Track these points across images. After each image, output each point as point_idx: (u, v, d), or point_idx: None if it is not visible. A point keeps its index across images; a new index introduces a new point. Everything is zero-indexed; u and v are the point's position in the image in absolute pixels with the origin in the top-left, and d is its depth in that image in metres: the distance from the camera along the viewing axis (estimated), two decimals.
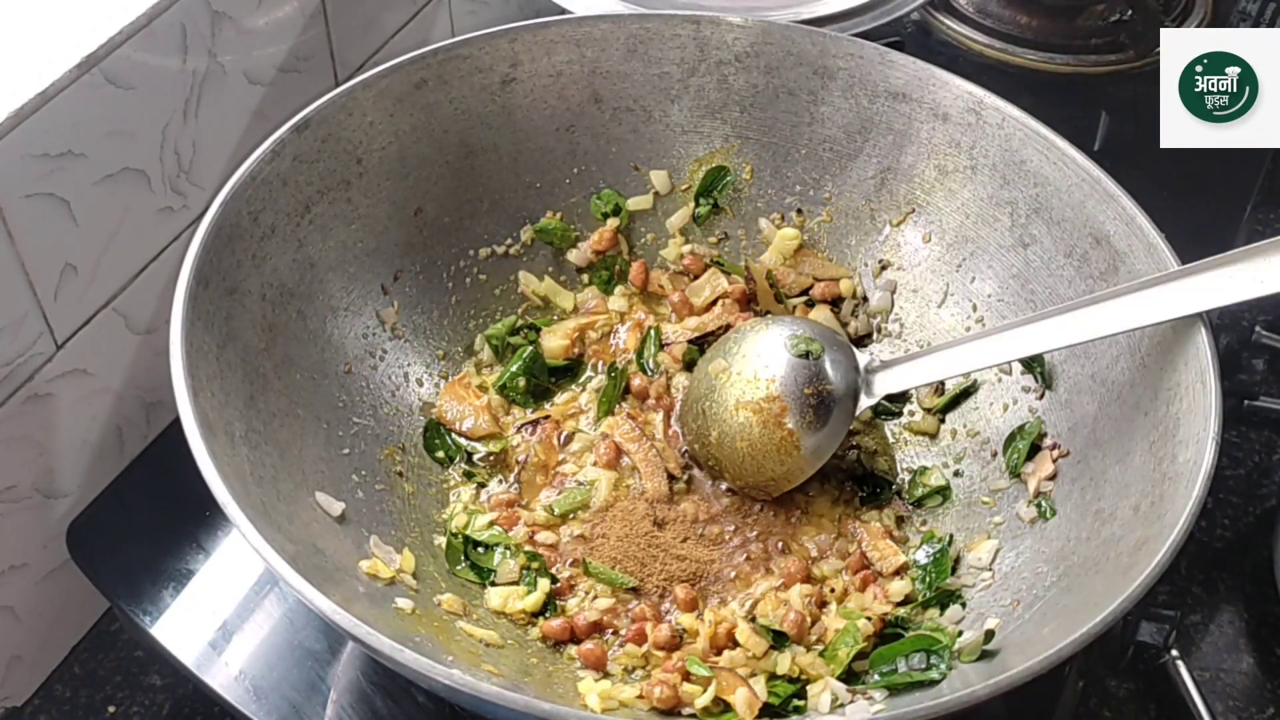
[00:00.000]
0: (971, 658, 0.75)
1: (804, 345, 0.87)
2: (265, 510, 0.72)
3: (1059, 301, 0.88)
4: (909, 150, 0.97)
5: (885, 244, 0.99)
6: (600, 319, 0.99)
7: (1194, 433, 0.75)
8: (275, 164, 0.86)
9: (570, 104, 0.99)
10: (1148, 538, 0.72)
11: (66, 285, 0.86)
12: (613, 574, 0.84)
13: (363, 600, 0.74)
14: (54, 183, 0.83)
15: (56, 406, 0.89)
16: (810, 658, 0.78)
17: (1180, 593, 0.98)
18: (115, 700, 0.93)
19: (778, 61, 0.98)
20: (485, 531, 0.86)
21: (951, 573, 0.84)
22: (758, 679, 0.77)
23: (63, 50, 0.82)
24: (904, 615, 0.82)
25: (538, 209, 1.00)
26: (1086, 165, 0.88)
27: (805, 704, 0.76)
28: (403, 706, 0.84)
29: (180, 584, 0.89)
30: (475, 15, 1.25)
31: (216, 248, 0.81)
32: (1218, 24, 1.38)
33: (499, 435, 0.92)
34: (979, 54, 1.35)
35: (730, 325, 0.96)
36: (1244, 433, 1.08)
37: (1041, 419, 0.88)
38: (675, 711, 0.76)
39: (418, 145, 0.94)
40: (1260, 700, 0.92)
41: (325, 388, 0.87)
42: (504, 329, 0.97)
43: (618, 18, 0.99)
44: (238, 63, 0.96)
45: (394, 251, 0.94)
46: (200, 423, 0.71)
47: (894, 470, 0.92)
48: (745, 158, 1.01)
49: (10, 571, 0.89)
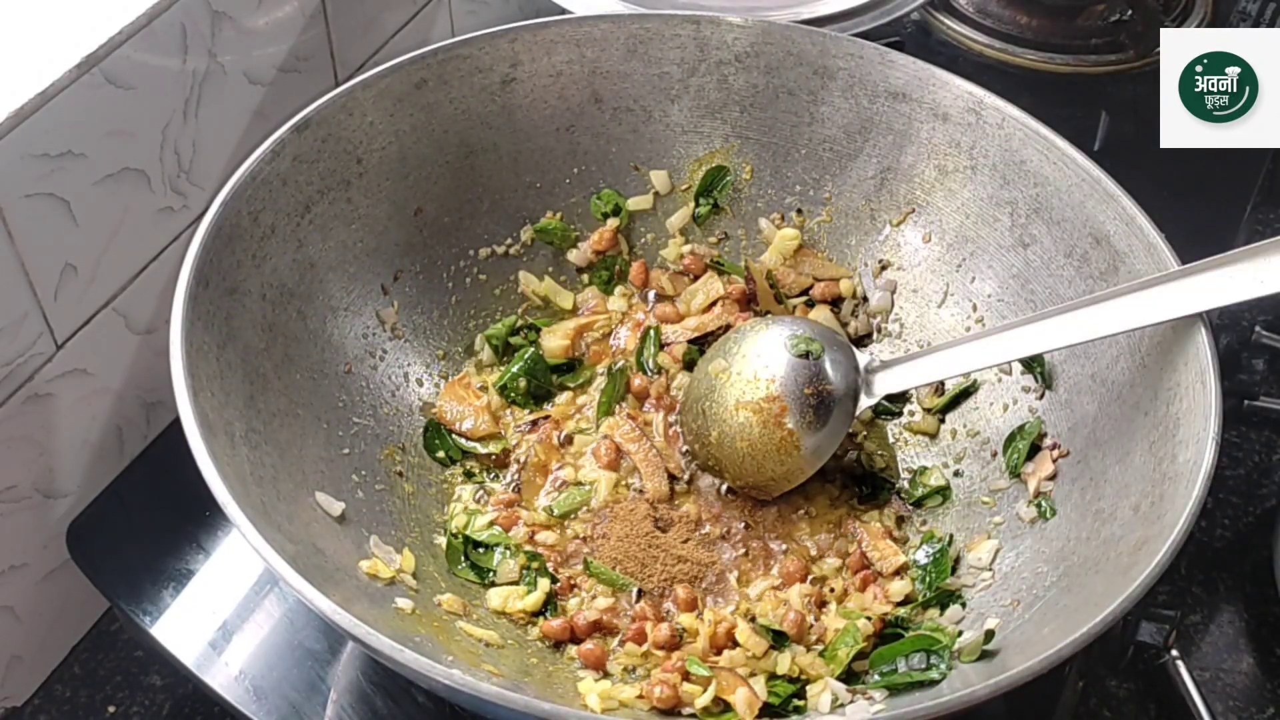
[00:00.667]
0: (971, 658, 0.75)
1: (804, 345, 0.87)
2: (265, 510, 0.72)
3: (1059, 301, 0.88)
4: (909, 150, 0.97)
5: (885, 244, 0.99)
6: (600, 319, 0.99)
7: (1194, 433, 0.75)
8: (275, 164, 0.86)
9: (570, 104, 0.99)
10: (1148, 538, 0.72)
11: (66, 285, 0.86)
12: (613, 574, 0.84)
13: (363, 600, 0.74)
14: (54, 183, 0.83)
15: (56, 406, 0.89)
16: (810, 658, 0.78)
17: (1180, 593, 0.98)
18: (115, 700, 0.93)
19: (778, 61, 0.98)
20: (485, 531, 0.86)
21: (951, 573, 0.84)
22: (757, 679, 0.77)
23: (63, 50, 0.82)
24: (904, 615, 0.82)
25: (538, 209, 1.00)
26: (1086, 165, 0.88)
27: (805, 704, 0.76)
28: (403, 706, 0.84)
29: (180, 584, 0.89)
30: (475, 15, 1.25)
31: (216, 248, 0.81)
32: (1218, 24, 1.38)
33: (499, 435, 0.92)
34: (979, 54, 1.35)
35: (730, 325, 0.96)
36: (1244, 433, 1.08)
37: (1041, 419, 0.88)
38: (675, 711, 0.76)
39: (418, 145, 0.94)
40: (1260, 700, 0.92)
41: (325, 388, 0.87)
42: (504, 329, 0.97)
43: (618, 18, 0.99)
44: (238, 63, 0.96)
45: (394, 251, 0.94)
46: (200, 423, 0.71)
47: (894, 470, 0.92)
48: (745, 158, 1.01)
49: (10, 571, 0.89)
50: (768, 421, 0.86)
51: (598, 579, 0.84)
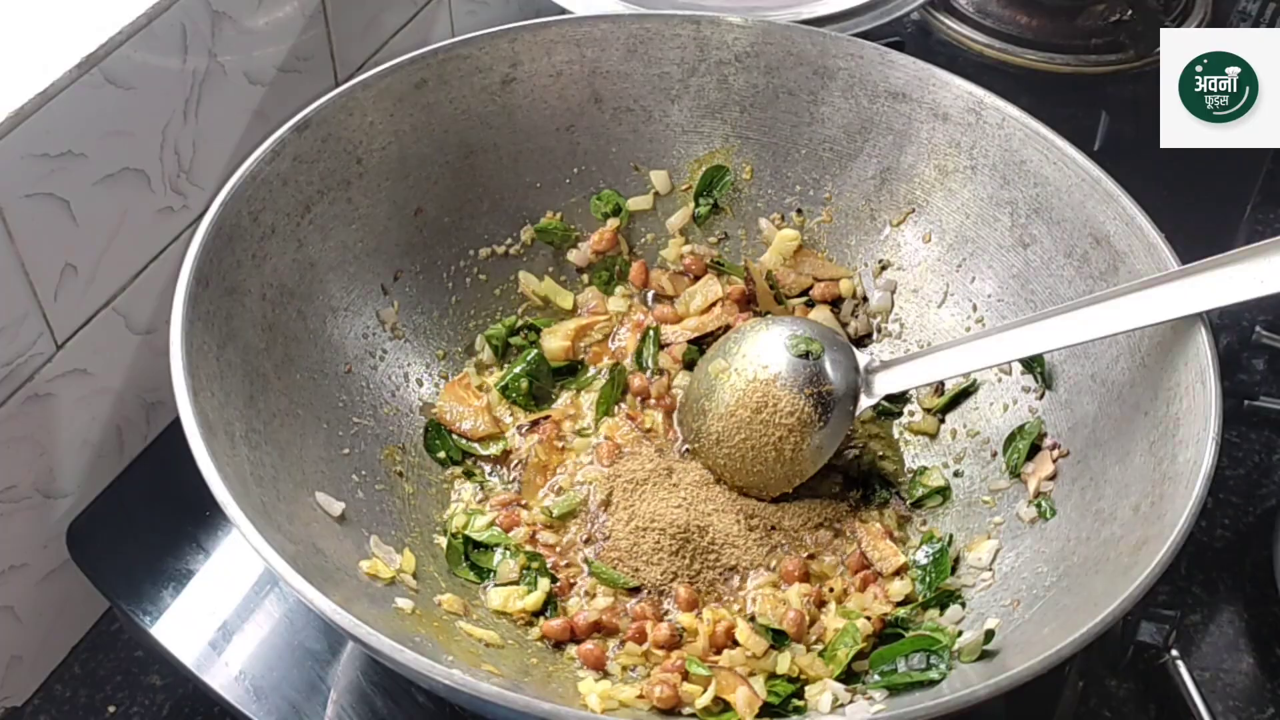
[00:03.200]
0: (971, 658, 0.75)
1: (804, 345, 0.87)
2: (265, 511, 0.72)
3: (1059, 301, 0.88)
4: (909, 150, 0.97)
5: (885, 244, 0.99)
6: (600, 320, 0.99)
7: (1194, 433, 0.75)
8: (275, 164, 0.86)
9: (570, 104, 0.99)
10: (1148, 537, 0.72)
11: (66, 285, 0.86)
12: (613, 573, 0.84)
13: (363, 600, 0.74)
14: (54, 183, 0.83)
15: (56, 406, 0.89)
16: (810, 658, 0.78)
17: (1180, 593, 0.98)
18: (115, 700, 0.93)
19: (778, 61, 0.98)
20: (485, 532, 0.86)
21: (951, 573, 0.84)
22: (757, 679, 0.77)
23: (63, 50, 0.82)
24: (904, 615, 0.82)
25: (538, 209, 1.00)
26: (1086, 165, 0.88)
27: (804, 704, 0.76)
28: (403, 706, 0.84)
29: (180, 584, 0.89)
30: (475, 15, 1.25)
31: (216, 248, 0.81)
32: (1218, 24, 1.38)
33: (499, 436, 0.92)
34: (979, 54, 1.35)
35: (730, 325, 0.96)
36: (1244, 433, 1.08)
37: (1041, 419, 0.88)
38: (675, 711, 0.76)
39: (418, 145, 0.94)
40: (1260, 700, 0.92)
41: (325, 388, 0.87)
42: (504, 329, 0.97)
43: (618, 18, 0.99)
44: (238, 63, 0.96)
45: (394, 251, 0.94)
46: (200, 423, 0.71)
47: (901, 471, 0.92)
48: (745, 158, 1.01)
49: (10, 571, 0.89)
50: (767, 421, 0.86)
51: (599, 578, 0.84)
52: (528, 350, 0.96)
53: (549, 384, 0.95)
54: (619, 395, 0.95)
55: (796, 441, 0.86)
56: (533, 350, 0.96)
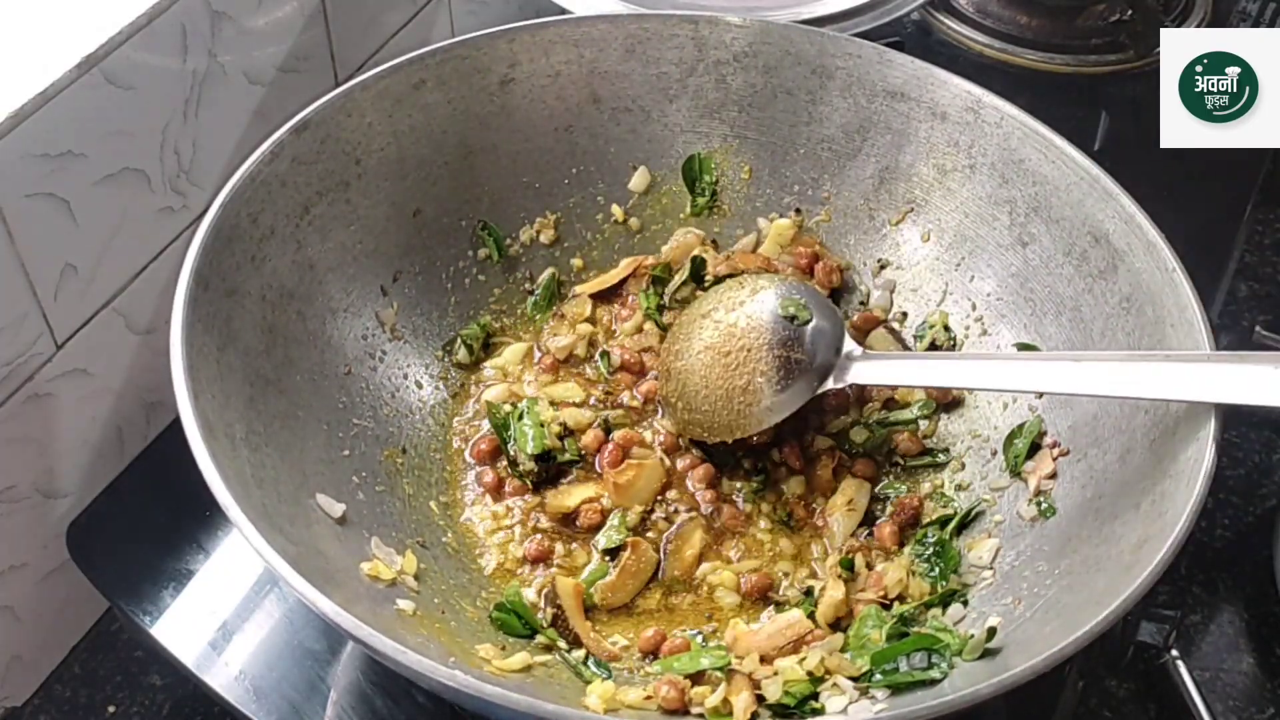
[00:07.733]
0: (973, 657, 0.74)
1: (793, 308, 0.88)
2: (266, 512, 0.72)
3: (1058, 300, 0.88)
4: (908, 149, 0.97)
5: (884, 243, 0.99)
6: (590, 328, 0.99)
7: (1194, 432, 0.75)
8: (274, 165, 0.86)
9: (569, 104, 0.99)
10: (1148, 537, 0.72)
11: (66, 285, 0.86)
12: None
13: (364, 602, 0.74)
14: (54, 183, 0.83)
15: (56, 406, 0.89)
16: (837, 659, 0.78)
17: (1180, 593, 0.98)
18: (115, 700, 0.93)
19: (776, 61, 0.98)
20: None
21: (952, 572, 0.84)
22: (774, 680, 0.76)
23: (63, 50, 0.82)
24: (905, 614, 0.82)
25: (537, 209, 1.00)
26: (1085, 164, 0.88)
27: (820, 705, 0.75)
28: (403, 707, 0.84)
29: (180, 584, 0.89)
30: (475, 15, 1.25)
31: (216, 249, 0.81)
32: (1218, 24, 1.38)
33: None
34: (979, 54, 1.35)
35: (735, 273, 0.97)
36: (1244, 433, 1.08)
37: (1042, 418, 0.88)
38: (682, 711, 0.75)
39: (417, 146, 0.94)
40: (1260, 700, 0.92)
41: (325, 389, 0.87)
42: (479, 330, 0.97)
43: (616, 18, 0.99)
44: (238, 63, 0.96)
45: (393, 252, 0.94)
46: (201, 425, 0.71)
47: (934, 456, 0.92)
48: (744, 157, 1.01)
49: (10, 571, 0.89)
50: (728, 365, 0.87)
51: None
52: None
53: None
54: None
55: (749, 396, 0.87)
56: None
